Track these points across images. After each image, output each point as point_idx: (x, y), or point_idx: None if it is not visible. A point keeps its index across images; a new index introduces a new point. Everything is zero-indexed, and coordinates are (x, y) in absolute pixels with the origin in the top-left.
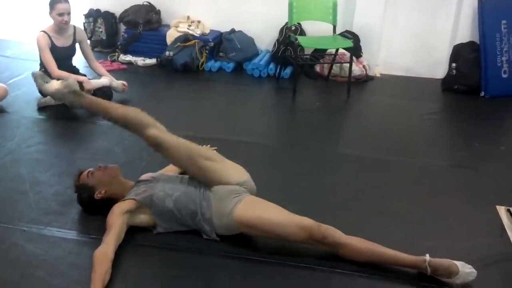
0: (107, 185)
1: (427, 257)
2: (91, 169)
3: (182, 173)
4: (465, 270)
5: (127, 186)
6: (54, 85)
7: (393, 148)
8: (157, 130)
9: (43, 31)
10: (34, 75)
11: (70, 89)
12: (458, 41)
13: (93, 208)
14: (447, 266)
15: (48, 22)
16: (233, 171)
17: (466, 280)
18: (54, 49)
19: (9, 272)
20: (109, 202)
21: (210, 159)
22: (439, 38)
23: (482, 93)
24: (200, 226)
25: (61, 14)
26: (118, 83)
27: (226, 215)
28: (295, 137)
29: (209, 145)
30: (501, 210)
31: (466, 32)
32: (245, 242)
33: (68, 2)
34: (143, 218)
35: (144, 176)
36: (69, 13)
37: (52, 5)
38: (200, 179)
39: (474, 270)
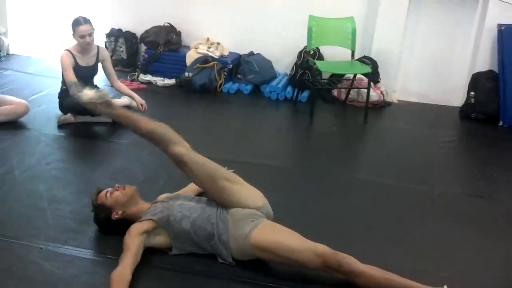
0: (125, 206)
1: (445, 287)
2: (109, 189)
3: (200, 194)
4: None
5: (145, 207)
6: (88, 94)
7: (410, 175)
8: (182, 148)
9: (67, 50)
10: (69, 83)
11: (102, 100)
12: (477, 70)
13: (109, 228)
14: None
15: (70, 40)
16: (252, 195)
17: None
18: (77, 68)
19: None
20: (125, 222)
21: (231, 181)
22: (458, 66)
23: (501, 123)
24: (216, 249)
25: (82, 36)
26: (138, 101)
27: (242, 238)
28: (311, 161)
29: (225, 167)
30: None
31: (485, 61)
32: (260, 268)
33: (90, 23)
34: (159, 239)
35: (161, 197)
36: (90, 34)
37: (74, 28)
38: (219, 200)
39: None
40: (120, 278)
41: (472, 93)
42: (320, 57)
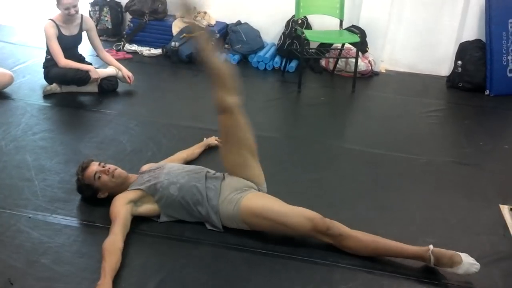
0: (113, 189)
1: (431, 247)
2: (97, 167)
3: (187, 163)
4: (469, 261)
5: (131, 181)
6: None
7: (397, 144)
8: (236, 101)
9: (51, 19)
10: None
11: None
12: (464, 39)
13: (94, 201)
14: (450, 256)
15: (54, 9)
16: (259, 175)
17: (469, 272)
18: (61, 38)
19: (14, 258)
20: (112, 197)
21: (252, 155)
22: (445, 35)
23: (487, 92)
24: (205, 215)
25: (67, 8)
26: (125, 73)
27: (233, 203)
28: (299, 131)
29: (214, 137)
30: (505, 209)
31: (472, 30)
32: (250, 235)
33: None
34: (146, 208)
35: (145, 167)
36: (75, 6)
37: None
38: (230, 162)
39: (477, 263)
40: (112, 246)
41: (459, 62)
42: (308, 27)
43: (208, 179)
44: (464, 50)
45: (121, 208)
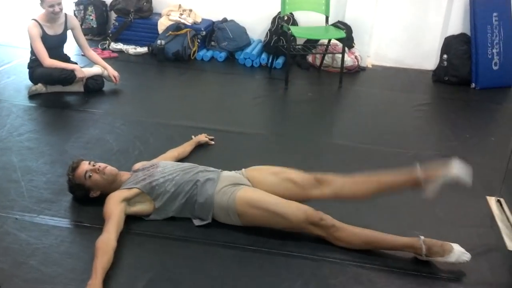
0: (105, 188)
1: (421, 236)
2: (87, 166)
3: (178, 161)
4: (460, 249)
5: (123, 179)
6: None
7: (384, 139)
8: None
9: (34, 19)
10: None
11: None
12: (449, 33)
13: (86, 201)
14: (441, 244)
15: (38, 9)
16: None
17: (460, 260)
18: (45, 38)
19: (1, 260)
20: (104, 196)
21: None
22: (430, 29)
23: (473, 85)
24: (198, 207)
25: (51, 6)
26: (111, 73)
27: (229, 194)
28: (287, 127)
29: (204, 134)
30: (491, 201)
31: (457, 24)
32: (239, 232)
33: None
34: (138, 207)
35: (138, 165)
36: (59, 3)
37: None
38: (260, 182)
39: (467, 253)
40: (106, 245)
41: (445, 56)
42: (295, 23)
43: (204, 172)
44: (450, 44)
45: (115, 206)
